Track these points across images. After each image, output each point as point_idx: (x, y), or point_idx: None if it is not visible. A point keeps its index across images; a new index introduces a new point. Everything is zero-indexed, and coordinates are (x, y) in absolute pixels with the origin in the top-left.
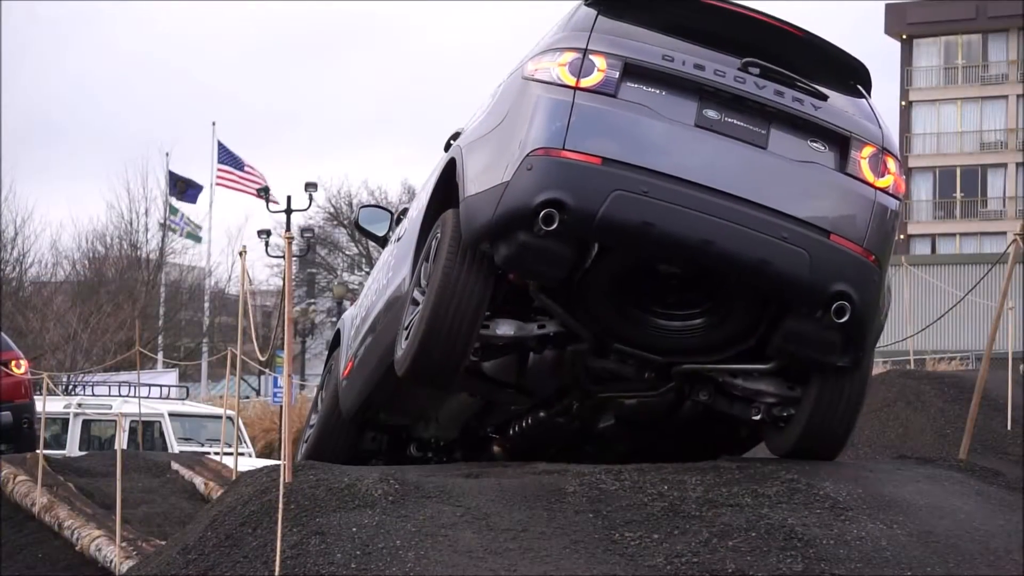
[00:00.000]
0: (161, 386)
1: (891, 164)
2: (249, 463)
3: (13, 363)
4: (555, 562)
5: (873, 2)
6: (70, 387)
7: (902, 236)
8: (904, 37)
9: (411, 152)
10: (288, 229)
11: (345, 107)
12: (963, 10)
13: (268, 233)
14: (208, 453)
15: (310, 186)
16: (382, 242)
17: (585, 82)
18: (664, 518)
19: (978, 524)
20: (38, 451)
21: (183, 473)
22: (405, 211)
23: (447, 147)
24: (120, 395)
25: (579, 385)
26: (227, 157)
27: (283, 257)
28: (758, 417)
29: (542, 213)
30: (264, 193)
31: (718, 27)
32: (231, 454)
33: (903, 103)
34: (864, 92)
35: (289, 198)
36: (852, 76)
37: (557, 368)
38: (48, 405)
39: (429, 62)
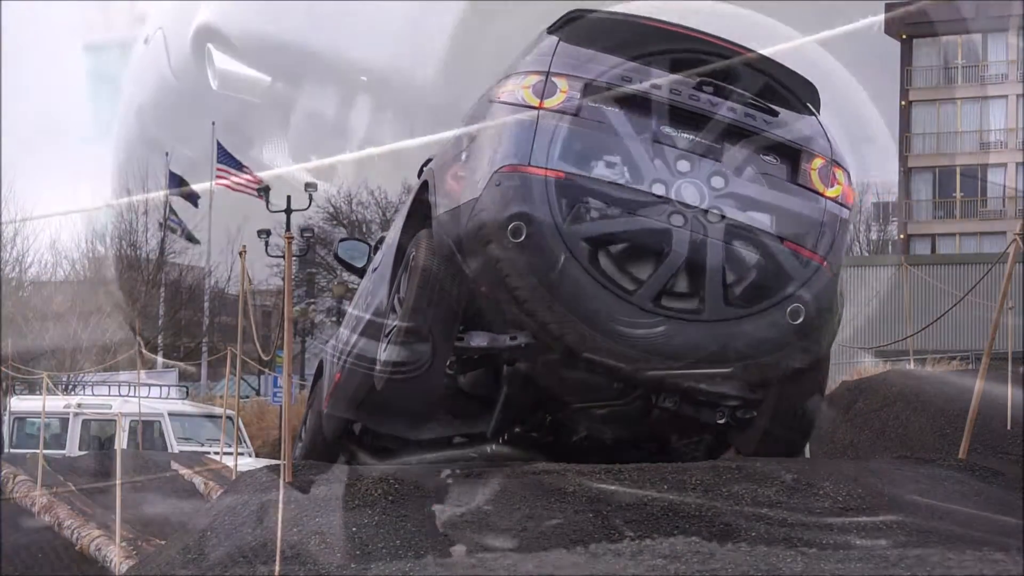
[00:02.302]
0: (161, 386)
1: (840, 176)
2: (249, 463)
3: None
4: (555, 562)
5: (873, 2)
6: (70, 387)
7: (902, 236)
8: (904, 37)
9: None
10: (288, 229)
11: None
12: (963, 10)
13: (268, 233)
14: (208, 453)
15: (310, 186)
16: (360, 273)
17: (548, 102)
18: (664, 518)
19: (978, 524)
20: (38, 451)
21: (183, 473)
22: (383, 239)
23: (420, 173)
24: (120, 395)
25: (552, 398)
26: (226, 157)
27: (283, 257)
28: (722, 421)
29: (510, 226)
30: (264, 193)
31: (674, 50)
32: (231, 454)
33: (903, 103)
34: (813, 109)
35: (289, 198)
36: (801, 94)
37: (530, 380)
38: (48, 405)
39: None
